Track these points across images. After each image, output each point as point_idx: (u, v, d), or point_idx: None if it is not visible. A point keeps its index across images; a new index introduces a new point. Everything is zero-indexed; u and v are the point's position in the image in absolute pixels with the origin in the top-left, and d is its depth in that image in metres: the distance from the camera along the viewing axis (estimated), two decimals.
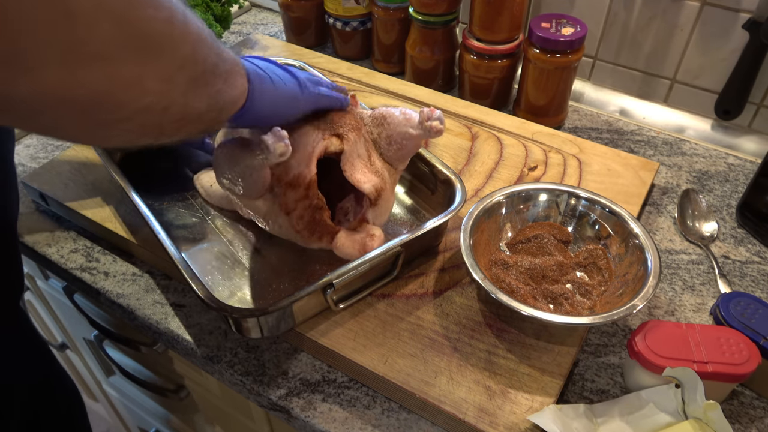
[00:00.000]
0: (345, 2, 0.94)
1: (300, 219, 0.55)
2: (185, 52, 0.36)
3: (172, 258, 0.56)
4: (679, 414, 0.50)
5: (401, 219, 0.68)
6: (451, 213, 0.60)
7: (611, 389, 0.56)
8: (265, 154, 0.51)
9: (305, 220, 0.55)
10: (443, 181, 0.65)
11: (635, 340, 0.51)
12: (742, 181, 0.78)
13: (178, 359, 0.78)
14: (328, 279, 0.54)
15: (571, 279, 0.60)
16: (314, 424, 0.54)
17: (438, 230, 0.62)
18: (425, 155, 0.67)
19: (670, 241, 0.70)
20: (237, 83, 0.44)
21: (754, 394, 0.56)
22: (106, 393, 1.23)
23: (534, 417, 0.49)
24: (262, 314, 0.52)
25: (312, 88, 0.54)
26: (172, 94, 0.36)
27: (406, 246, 0.57)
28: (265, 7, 1.18)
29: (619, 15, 0.86)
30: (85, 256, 0.69)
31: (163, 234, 0.58)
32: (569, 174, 0.73)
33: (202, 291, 0.53)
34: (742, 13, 0.77)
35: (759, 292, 0.64)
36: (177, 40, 0.35)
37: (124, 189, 0.64)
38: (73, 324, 1.03)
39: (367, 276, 0.58)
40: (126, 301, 0.64)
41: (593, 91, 0.94)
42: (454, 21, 0.88)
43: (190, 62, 0.37)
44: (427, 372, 0.54)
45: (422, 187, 0.70)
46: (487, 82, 0.87)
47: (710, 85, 0.84)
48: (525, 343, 0.56)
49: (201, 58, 0.38)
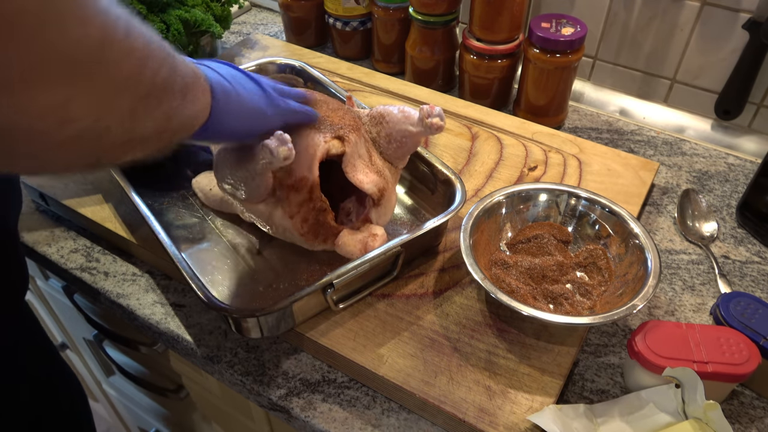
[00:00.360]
0: (345, 2, 0.94)
1: (304, 222, 0.55)
2: (126, 72, 0.32)
3: (172, 258, 0.56)
4: (679, 414, 0.50)
5: (401, 219, 0.68)
6: (451, 213, 0.60)
7: (611, 389, 0.56)
8: (268, 158, 0.50)
9: (309, 222, 0.55)
10: (443, 181, 0.65)
11: (635, 340, 0.51)
12: (742, 181, 0.78)
13: (178, 359, 0.78)
14: (328, 279, 0.54)
15: (571, 279, 0.60)
16: (314, 424, 0.54)
17: (438, 230, 0.62)
18: (425, 155, 0.67)
19: (670, 241, 0.70)
20: (198, 98, 0.41)
21: (754, 394, 0.56)
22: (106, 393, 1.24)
23: (534, 417, 0.49)
24: (263, 314, 0.52)
25: (281, 103, 0.52)
26: (110, 118, 0.32)
27: (406, 246, 0.57)
28: (265, 7, 1.18)
29: (619, 15, 0.86)
30: (85, 256, 0.69)
31: (163, 234, 0.58)
32: (569, 174, 0.73)
33: (202, 291, 0.53)
34: (742, 13, 0.77)
35: (759, 292, 0.64)
36: (114, 59, 0.31)
37: (123, 189, 0.64)
38: (73, 324, 1.03)
39: (367, 276, 0.58)
40: (126, 301, 0.64)
41: (593, 91, 0.94)
42: (454, 21, 0.88)
43: (133, 82, 0.33)
44: (427, 372, 0.54)
45: (422, 187, 0.70)
46: (487, 82, 0.87)
47: (710, 85, 0.84)
48: (525, 343, 0.56)
49: (148, 76, 0.34)
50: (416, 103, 0.85)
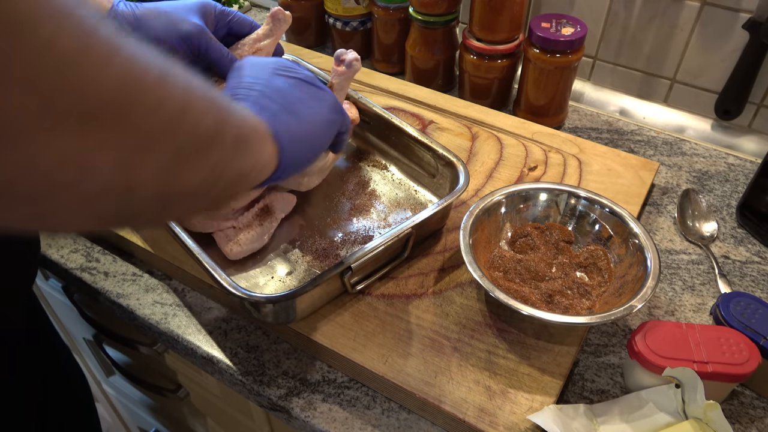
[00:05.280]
0: (345, 2, 0.94)
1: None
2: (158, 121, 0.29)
3: (191, 251, 0.56)
4: (679, 414, 0.50)
5: (405, 204, 0.68)
6: (457, 194, 0.62)
7: (611, 389, 0.56)
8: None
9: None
10: (446, 164, 0.67)
11: (635, 340, 0.51)
12: (742, 181, 0.78)
13: (178, 359, 0.78)
14: (347, 264, 0.55)
15: (571, 279, 0.60)
16: (314, 424, 0.54)
17: (444, 212, 0.64)
18: (425, 140, 0.68)
19: (670, 241, 0.70)
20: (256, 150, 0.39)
21: (754, 394, 0.56)
22: (106, 393, 1.24)
23: (534, 417, 0.49)
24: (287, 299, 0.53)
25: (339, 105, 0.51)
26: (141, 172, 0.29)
27: (416, 228, 0.59)
28: (265, 7, 1.18)
29: (619, 15, 0.86)
30: (85, 256, 0.69)
31: (179, 227, 0.59)
32: (569, 174, 0.73)
33: (227, 281, 0.53)
34: (742, 13, 0.77)
35: (759, 292, 0.64)
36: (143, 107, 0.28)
37: None
38: (73, 324, 1.03)
39: (380, 259, 0.60)
40: (126, 301, 0.64)
41: (593, 91, 0.94)
42: (454, 21, 0.88)
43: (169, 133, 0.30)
44: (427, 372, 0.54)
45: (423, 173, 0.71)
46: (487, 82, 0.87)
47: (710, 85, 0.84)
48: (525, 343, 0.56)
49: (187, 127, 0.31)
50: (416, 103, 0.85)
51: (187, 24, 0.58)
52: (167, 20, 0.57)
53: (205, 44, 0.58)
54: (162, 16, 0.57)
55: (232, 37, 0.65)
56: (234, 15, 0.64)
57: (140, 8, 0.57)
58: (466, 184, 0.63)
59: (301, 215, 0.68)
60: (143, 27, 0.56)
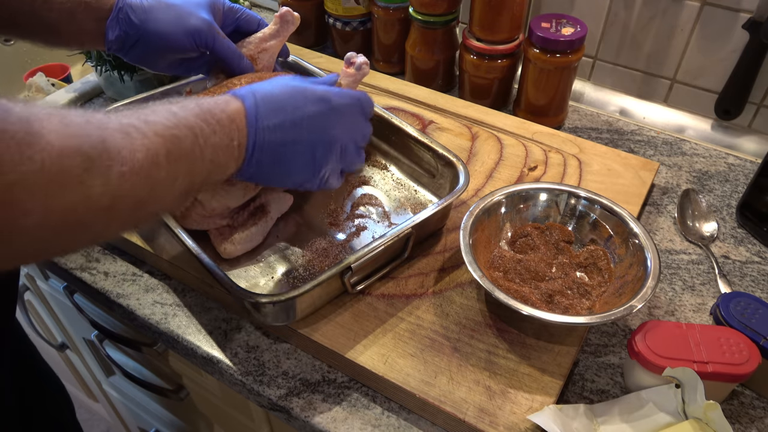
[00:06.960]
0: (345, 2, 0.94)
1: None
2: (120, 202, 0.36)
3: (191, 251, 0.56)
4: (679, 414, 0.50)
5: (405, 204, 0.68)
6: (457, 193, 0.61)
7: (611, 389, 0.56)
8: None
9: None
10: (446, 164, 0.67)
11: (635, 340, 0.51)
12: (742, 181, 0.78)
13: (178, 359, 0.78)
14: (347, 263, 0.55)
15: (571, 279, 0.60)
16: (314, 424, 0.54)
17: (444, 211, 0.64)
18: (425, 140, 0.68)
19: (670, 241, 0.70)
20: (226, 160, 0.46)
21: (754, 394, 0.56)
22: (106, 393, 1.23)
23: (534, 417, 0.49)
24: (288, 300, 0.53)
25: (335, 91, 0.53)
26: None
27: (416, 228, 0.59)
28: (265, 7, 1.18)
29: (619, 15, 0.86)
30: (85, 256, 0.69)
31: (179, 229, 0.58)
32: (569, 174, 0.73)
33: (228, 282, 0.53)
34: (742, 13, 0.77)
35: (759, 292, 0.64)
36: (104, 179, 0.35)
37: None
38: (73, 324, 1.03)
39: (380, 259, 0.60)
40: (126, 301, 0.64)
41: (593, 91, 0.94)
42: (454, 21, 0.88)
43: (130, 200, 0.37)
44: (427, 372, 0.54)
45: (423, 173, 0.71)
46: (487, 82, 0.87)
47: (710, 85, 0.84)
48: (525, 343, 0.56)
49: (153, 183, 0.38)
50: (416, 103, 0.85)
51: (196, 18, 0.58)
52: (176, 14, 0.57)
53: (212, 40, 0.59)
54: (171, 9, 0.58)
55: (239, 34, 0.65)
56: (242, 12, 0.64)
57: (150, 1, 0.58)
58: (466, 184, 0.63)
59: (301, 215, 0.68)
60: (151, 20, 0.57)
